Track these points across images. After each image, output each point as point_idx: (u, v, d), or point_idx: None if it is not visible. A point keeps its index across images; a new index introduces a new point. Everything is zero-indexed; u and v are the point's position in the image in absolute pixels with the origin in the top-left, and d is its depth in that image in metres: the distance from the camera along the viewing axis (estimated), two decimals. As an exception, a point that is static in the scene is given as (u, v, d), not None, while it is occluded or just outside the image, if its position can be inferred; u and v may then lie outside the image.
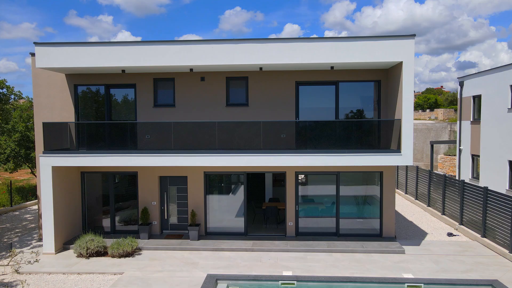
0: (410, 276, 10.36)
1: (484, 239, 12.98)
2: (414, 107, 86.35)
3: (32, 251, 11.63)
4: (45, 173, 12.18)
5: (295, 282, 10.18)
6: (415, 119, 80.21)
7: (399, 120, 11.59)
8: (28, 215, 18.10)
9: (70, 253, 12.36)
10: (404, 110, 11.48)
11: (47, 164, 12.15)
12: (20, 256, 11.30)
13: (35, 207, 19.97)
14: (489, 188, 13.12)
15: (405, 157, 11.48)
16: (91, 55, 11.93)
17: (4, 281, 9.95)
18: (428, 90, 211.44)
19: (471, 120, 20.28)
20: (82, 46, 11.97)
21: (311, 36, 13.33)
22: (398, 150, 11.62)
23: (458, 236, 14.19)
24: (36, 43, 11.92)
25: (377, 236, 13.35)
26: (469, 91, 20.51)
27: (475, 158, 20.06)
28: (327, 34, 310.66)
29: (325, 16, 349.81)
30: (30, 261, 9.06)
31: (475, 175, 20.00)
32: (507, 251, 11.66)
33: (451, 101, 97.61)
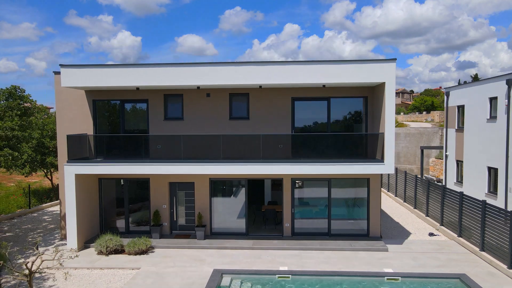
0: (390, 270, 11.91)
1: (460, 238, 14.53)
2: (411, 109, 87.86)
3: (71, 249, 13.32)
4: (69, 180, 13.73)
5: (289, 275, 11.72)
6: (412, 121, 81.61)
7: (383, 134, 13.13)
8: (46, 217, 19.64)
9: (91, 251, 13.90)
10: (387, 124, 13.02)
11: (71, 172, 13.69)
12: (60, 253, 12.83)
13: (51, 208, 21.50)
14: (464, 193, 14.68)
15: (387, 166, 13.03)
16: (110, 76, 13.48)
17: (44, 273, 11.47)
18: (426, 91, 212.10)
19: (456, 128, 21.83)
20: (102, 68, 13.52)
21: (305, 60, 14.71)
22: (381, 160, 13.17)
23: (438, 236, 15.75)
24: (62, 65, 13.46)
25: (365, 235, 14.90)
26: (454, 101, 22.07)
27: (459, 163, 21.61)
28: (327, 34, 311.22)
29: (325, 16, 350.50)
30: (71, 256, 10.60)
31: (459, 179, 21.55)
32: (477, 249, 13.21)
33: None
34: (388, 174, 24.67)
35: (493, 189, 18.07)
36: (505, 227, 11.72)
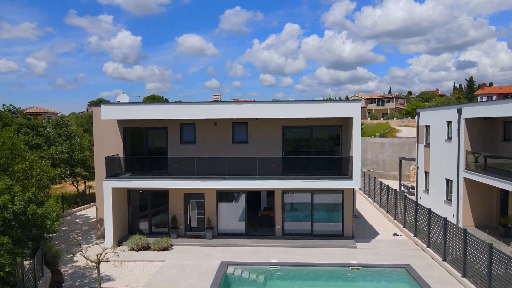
0: (354, 262, 15.71)
1: (415, 238, 18.33)
2: (404, 114, 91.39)
3: (112, 245, 17.06)
4: (107, 192, 17.52)
5: (278, 266, 15.52)
6: (404, 126, 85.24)
7: (351, 157, 16.92)
8: (78, 219, 23.44)
9: (124, 247, 17.67)
10: (354, 150, 16.82)
11: (108, 186, 17.48)
12: (113, 249, 16.59)
13: (81, 212, 25.25)
14: (418, 202, 18.48)
15: (354, 182, 16.83)
16: (139, 111, 17.28)
17: (107, 261, 15.23)
18: (422, 94, 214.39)
19: (424, 144, 25.61)
20: (133, 105, 17.35)
21: (290, 100, 18.18)
22: (350, 177, 16.97)
23: (401, 236, 19.54)
24: (103, 102, 17.28)
25: (340, 235, 18.68)
26: (423, 121, 25.85)
27: (427, 174, 25.38)
28: (327, 34, 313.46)
29: (325, 16, 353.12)
30: (124, 250, 14.35)
31: (427, 188, 25.31)
32: (425, 246, 17.01)
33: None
34: (369, 183, 28.42)
35: (449, 197, 21.86)
36: (441, 229, 15.51)
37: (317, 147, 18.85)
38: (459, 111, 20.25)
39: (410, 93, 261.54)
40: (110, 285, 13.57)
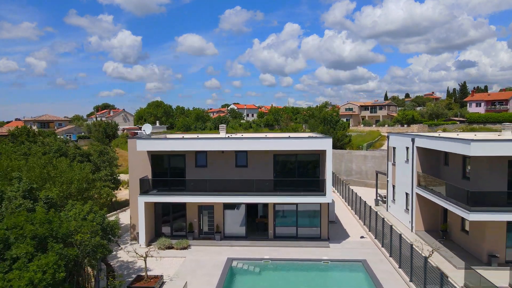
0: (325, 258, 21.31)
1: (375, 239, 23.93)
2: (395, 122, 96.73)
3: (153, 245, 22.60)
4: (140, 205, 23.13)
5: (270, 260, 21.14)
6: (396, 132, 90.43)
7: (325, 179, 22.53)
8: (111, 225, 29.01)
9: (153, 247, 23.24)
10: (327, 174, 22.41)
11: (141, 200, 23.10)
12: (149, 248, 22.17)
13: (111, 218, 30.79)
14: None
15: (327, 198, 22.43)
16: (165, 144, 22.91)
17: (151, 257, 20.80)
18: (417, 98, 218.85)
19: (392, 162, 31.21)
20: (160, 140, 22.97)
21: (278, 137, 23.42)
22: (324, 194, 22.58)
23: (366, 238, 25.14)
24: (137, 138, 22.87)
25: (318, 238, 24.29)
26: (391, 143, 31.44)
27: (394, 187, 30.96)
28: (327, 33, 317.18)
29: (325, 16, 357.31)
30: (154, 249, 19.88)
31: (394, 199, 30.90)
32: (380, 246, 22.62)
33: (431, 115, 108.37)
34: (348, 193, 34.01)
35: (407, 207, 27.45)
36: (389, 233, 21.12)
37: (301, 169, 24.45)
38: (413, 140, 25.86)
39: (407, 95, 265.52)
40: (150, 273, 19.16)
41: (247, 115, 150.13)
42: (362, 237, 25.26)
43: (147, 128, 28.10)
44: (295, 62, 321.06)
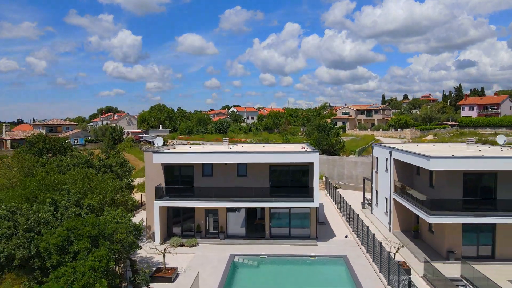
0: (313, 254, 25.32)
1: (357, 238, 27.92)
2: (388, 126, 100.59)
3: (167, 243, 26.56)
4: (156, 209, 27.13)
5: (266, 256, 25.15)
6: (389, 136, 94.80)
7: (313, 187, 26.53)
8: (127, 226, 32.99)
9: (166, 245, 27.23)
10: (315, 182, 26.42)
11: (157, 205, 27.10)
12: (166, 245, 26.13)
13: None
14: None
15: (315, 203, 26.43)
16: (177, 157, 26.91)
17: (169, 252, 24.76)
18: (414, 100, 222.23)
19: (375, 170, 35.20)
20: (173, 154, 26.97)
21: (274, 150, 27.33)
22: (312, 200, 26.57)
23: (349, 237, 29.12)
24: (153, 152, 26.86)
25: (308, 237, 28.28)
26: (375, 153, 35.40)
27: (377, 192, 34.95)
28: (327, 33, 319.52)
29: (325, 15, 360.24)
30: (167, 247, 23.86)
31: (377, 203, 34.89)
32: (360, 244, 26.62)
33: (424, 118, 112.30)
34: (338, 196, 38.01)
35: (387, 210, 31.45)
36: (366, 233, 25.12)
37: (293, 179, 28.43)
38: (391, 153, 29.86)
39: (405, 96, 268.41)
40: (167, 266, 23.14)
41: (247, 118, 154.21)
42: (346, 236, 29.24)
43: (159, 141, 32.20)
44: (295, 61, 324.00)
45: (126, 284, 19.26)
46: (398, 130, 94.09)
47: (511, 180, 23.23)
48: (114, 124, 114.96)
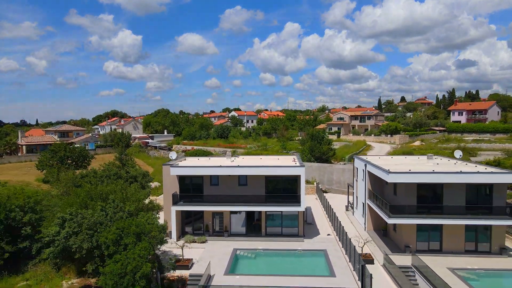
0: (300, 248, 31.64)
1: (337, 236, 34.22)
2: (381, 131, 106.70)
3: (182, 240, 32.91)
4: (173, 212, 33.46)
5: (262, 250, 31.48)
6: (380, 142, 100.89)
7: (300, 195, 32.85)
8: (146, 226, 39.31)
9: (182, 242, 33.50)
10: (301, 190, 32.74)
11: (173, 209, 33.43)
12: (183, 240, 32.34)
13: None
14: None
15: (302, 207, 32.76)
16: (190, 171, 33.25)
17: (185, 247, 31.05)
18: (409, 104, 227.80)
19: (356, 179, 41.49)
20: (186, 167, 33.31)
21: (268, 165, 33.77)
22: (300, 205, 32.89)
23: (331, 235, 35.41)
24: (171, 166, 33.18)
25: (296, 235, 34.60)
26: (355, 164, 41.72)
27: (357, 197, 41.24)
28: (327, 33, 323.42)
29: (325, 15, 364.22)
30: (182, 243, 30.11)
31: (357, 206, 41.17)
32: (338, 240, 32.92)
33: (415, 124, 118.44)
34: (325, 199, 44.31)
35: (363, 212, 37.73)
36: (342, 232, 31.41)
37: (284, 187, 34.72)
38: (365, 165, 36.16)
39: (403, 98, 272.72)
40: (184, 257, 29.40)
41: (247, 121, 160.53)
42: (328, 234, 35.55)
43: (173, 155, 38.57)
44: (295, 61, 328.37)
45: (155, 270, 25.52)
46: (389, 135, 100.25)
47: (454, 190, 29.51)
48: (121, 129, 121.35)
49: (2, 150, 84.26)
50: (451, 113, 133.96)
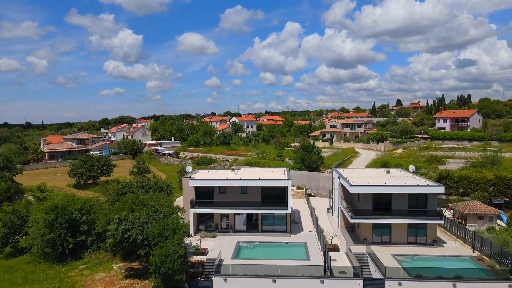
0: (286, 241, 42.27)
1: (316, 232, 44.83)
2: (368, 138, 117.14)
3: (198, 235, 43.63)
4: (191, 215, 44.13)
5: (258, 242, 42.13)
6: (367, 149, 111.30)
7: (287, 201, 43.51)
8: (168, 224, 50.01)
9: (199, 236, 44.07)
10: (288, 198, 43.42)
11: (192, 212, 44.11)
12: (199, 235, 42.91)
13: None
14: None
15: (288, 210, 43.41)
16: (203, 182, 43.95)
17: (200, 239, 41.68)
18: (402, 109, 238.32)
19: (334, 187, 52.04)
20: (201, 181, 44.05)
21: (263, 179, 43.87)
22: (287, 208, 43.54)
23: (312, 232, 46.00)
24: (189, 179, 43.85)
25: (285, 231, 45.22)
26: (333, 175, 52.31)
27: (334, 201, 51.76)
28: (328, 32, 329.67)
29: (325, 15, 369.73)
30: (198, 237, 40.57)
31: (334, 209, 51.69)
32: (316, 234, 43.55)
33: (401, 131, 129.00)
34: (310, 205, 54.93)
35: (337, 214, 48.29)
36: (318, 230, 42.00)
37: (276, 194, 45.30)
38: (339, 178, 46.78)
39: (399, 101, 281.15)
40: (202, 247, 39.97)
41: (247, 127, 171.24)
42: (310, 231, 46.18)
43: (189, 168, 49.36)
44: (296, 61, 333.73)
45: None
46: (376, 143, 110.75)
47: (400, 198, 40.13)
48: (131, 136, 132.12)
49: (30, 157, 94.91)
50: (437, 120, 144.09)
